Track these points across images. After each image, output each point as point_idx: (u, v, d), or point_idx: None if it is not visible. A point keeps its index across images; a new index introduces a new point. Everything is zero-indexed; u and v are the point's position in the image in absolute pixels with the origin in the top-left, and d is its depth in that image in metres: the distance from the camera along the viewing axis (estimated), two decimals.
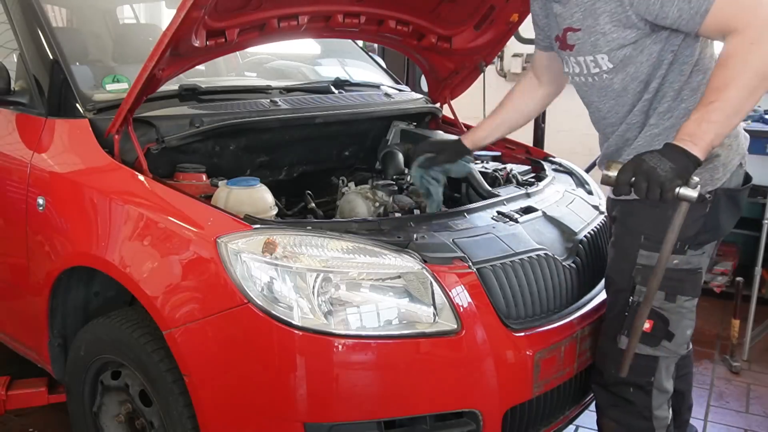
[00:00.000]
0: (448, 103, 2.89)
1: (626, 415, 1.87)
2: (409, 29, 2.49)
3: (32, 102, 2.24)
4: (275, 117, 2.31)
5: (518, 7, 2.43)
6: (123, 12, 3.30)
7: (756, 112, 3.59)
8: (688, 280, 1.77)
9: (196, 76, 2.56)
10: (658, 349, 1.79)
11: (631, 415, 1.86)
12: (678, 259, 1.74)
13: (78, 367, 2.09)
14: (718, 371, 3.16)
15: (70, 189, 2.07)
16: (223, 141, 2.25)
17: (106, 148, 2.01)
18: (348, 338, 1.64)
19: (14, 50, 2.36)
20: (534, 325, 1.84)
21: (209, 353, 1.72)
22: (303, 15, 2.18)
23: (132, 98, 1.88)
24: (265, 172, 2.40)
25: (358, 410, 1.67)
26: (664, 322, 1.77)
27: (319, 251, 1.68)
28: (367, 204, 2.13)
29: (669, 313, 1.77)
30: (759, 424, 2.75)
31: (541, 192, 2.28)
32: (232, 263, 1.66)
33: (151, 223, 1.85)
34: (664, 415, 1.87)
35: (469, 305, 1.72)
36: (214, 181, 2.03)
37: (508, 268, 1.83)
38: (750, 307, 3.23)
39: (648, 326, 1.75)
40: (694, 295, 1.79)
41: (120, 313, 2.00)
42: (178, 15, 1.70)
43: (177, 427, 1.81)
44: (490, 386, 1.73)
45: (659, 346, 1.79)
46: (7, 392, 2.40)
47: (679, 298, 1.77)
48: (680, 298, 1.77)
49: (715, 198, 1.75)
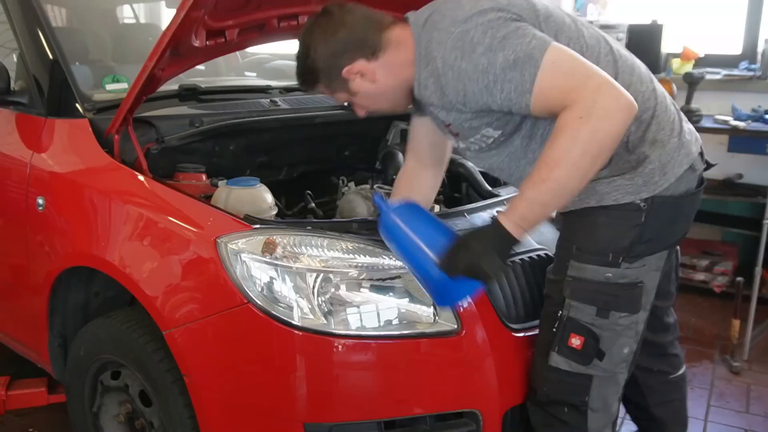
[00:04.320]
0: None
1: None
2: None
3: (32, 102, 2.24)
4: (275, 117, 2.31)
5: None
6: (123, 12, 3.30)
7: (756, 112, 3.59)
8: (623, 295, 1.61)
9: (196, 76, 2.56)
10: (591, 367, 1.64)
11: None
12: (611, 273, 1.60)
13: (78, 367, 2.09)
14: (718, 371, 3.16)
15: (70, 189, 2.07)
16: (223, 141, 2.25)
17: (105, 148, 2.01)
18: (348, 338, 1.64)
19: (14, 50, 2.36)
20: (534, 326, 1.83)
21: (209, 353, 1.72)
22: (303, 15, 2.18)
23: (132, 98, 1.88)
24: (265, 172, 2.39)
25: (358, 410, 1.67)
26: (594, 340, 1.62)
27: (319, 251, 1.68)
28: (367, 204, 2.13)
29: (601, 330, 1.62)
30: (759, 424, 2.75)
31: None
32: (232, 263, 1.66)
33: (151, 223, 1.85)
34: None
35: (469, 305, 1.71)
36: (214, 181, 2.03)
37: (508, 268, 1.83)
38: (750, 307, 3.23)
39: (579, 343, 1.62)
40: (631, 311, 1.63)
41: (120, 313, 2.00)
42: (178, 15, 1.70)
43: (177, 427, 1.81)
44: (490, 386, 1.73)
45: (591, 365, 1.64)
46: (7, 392, 2.40)
47: (613, 314, 1.61)
48: (614, 314, 1.61)
49: (652, 206, 1.59)
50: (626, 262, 1.60)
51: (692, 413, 2.76)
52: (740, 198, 3.76)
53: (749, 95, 3.82)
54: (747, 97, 3.78)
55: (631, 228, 1.59)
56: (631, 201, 1.59)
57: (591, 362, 1.64)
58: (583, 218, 1.63)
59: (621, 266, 1.60)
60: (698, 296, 3.87)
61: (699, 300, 3.86)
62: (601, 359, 1.64)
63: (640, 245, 1.61)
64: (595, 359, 1.63)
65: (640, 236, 1.60)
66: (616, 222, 1.60)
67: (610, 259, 1.60)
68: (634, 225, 1.59)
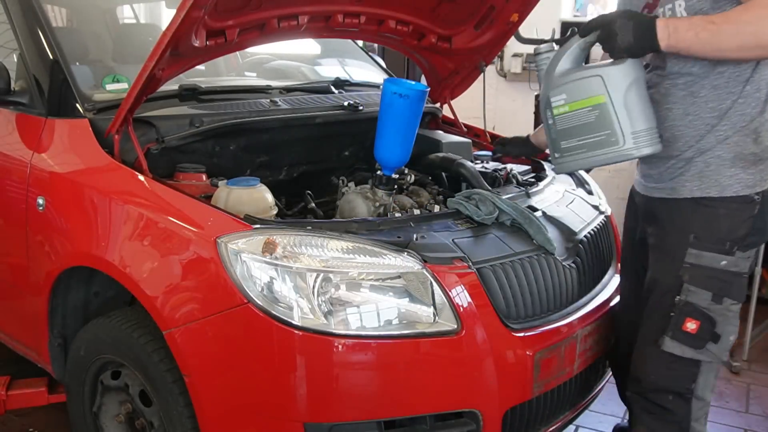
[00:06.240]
0: (448, 103, 2.89)
1: (662, 424, 1.81)
2: (409, 29, 2.48)
3: (32, 102, 2.24)
4: (275, 117, 2.31)
5: (518, 7, 2.43)
6: (123, 12, 3.29)
7: None
8: (734, 282, 1.73)
9: (196, 76, 2.56)
10: (702, 352, 1.74)
11: (667, 425, 1.81)
12: (726, 260, 1.71)
13: (78, 367, 2.09)
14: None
15: (70, 189, 2.07)
16: (223, 141, 2.25)
17: (106, 148, 2.01)
18: (348, 338, 1.64)
19: (14, 50, 2.36)
20: (534, 325, 1.84)
21: (209, 353, 1.72)
22: (303, 15, 2.18)
23: (132, 98, 1.88)
24: (265, 172, 2.40)
25: (358, 410, 1.67)
26: (710, 324, 1.72)
27: (319, 251, 1.68)
28: (367, 204, 2.13)
29: (716, 315, 1.73)
30: (759, 424, 2.75)
31: (541, 192, 2.28)
32: (232, 263, 1.66)
33: (151, 223, 1.85)
34: (701, 429, 1.81)
35: (469, 305, 1.72)
36: (214, 181, 2.03)
37: (508, 268, 1.83)
38: (750, 307, 3.23)
39: (694, 327, 1.72)
40: (739, 300, 1.75)
41: (120, 313, 2.00)
42: (178, 15, 1.70)
43: (177, 427, 1.81)
44: (490, 386, 1.73)
45: (704, 349, 1.74)
46: (7, 392, 2.40)
47: (726, 300, 1.73)
48: (726, 301, 1.73)
49: (764, 199, 1.72)
50: (740, 251, 1.72)
51: None
52: None
53: None
54: None
55: (747, 219, 1.72)
56: (749, 194, 1.71)
57: (704, 346, 1.74)
58: (702, 208, 1.74)
59: (735, 255, 1.72)
60: None
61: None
62: (716, 342, 1.73)
63: (753, 236, 1.73)
64: (710, 343, 1.73)
65: (753, 227, 1.72)
66: (735, 213, 1.72)
67: (727, 247, 1.71)
68: (749, 216, 1.72)
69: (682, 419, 1.79)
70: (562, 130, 1.80)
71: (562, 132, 1.80)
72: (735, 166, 1.70)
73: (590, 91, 1.73)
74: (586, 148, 1.77)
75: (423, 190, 2.33)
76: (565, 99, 1.77)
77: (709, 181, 1.72)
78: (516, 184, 2.37)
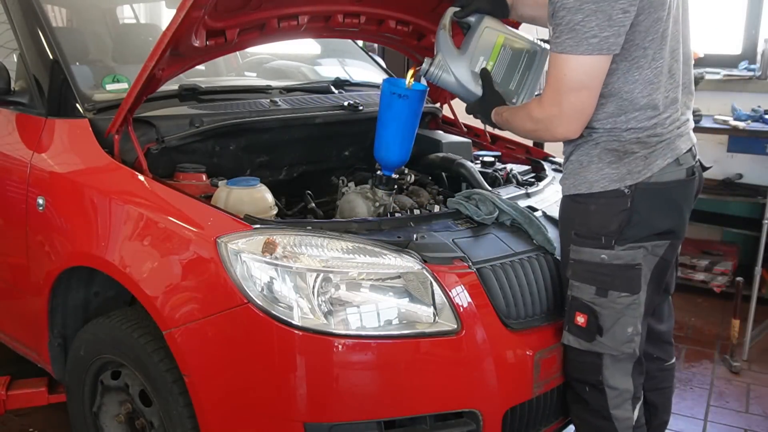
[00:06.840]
0: (448, 103, 2.89)
1: (586, 413, 1.87)
2: (409, 29, 2.49)
3: (32, 102, 2.24)
4: (275, 117, 2.31)
5: None
6: (123, 12, 3.29)
7: (756, 112, 3.59)
8: (618, 276, 1.75)
9: (196, 76, 2.56)
10: (596, 344, 1.77)
11: (590, 414, 1.86)
12: (606, 254, 1.74)
13: (78, 367, 2.09)
14: (718, 371, 3.16)
15: (70, 189, 2.07)
16: (223, 141, 2.25)
17: (106, 148, 2.01)
18: (348, 338, 1.64)
19: (14, 50, 2.36)
20: (534, 325, 1.84)
21: (209, 353, 1.72)
22: (303, 15, 2.18)
23: (132, 98, 1.88)
24: (265, 172, 2.40)
25: (358, 410, 1.67)
26: (594, 317, 1.77)
27: (319, 251, 1.68)
28: (367, 204, 2.13)
29: (601, 308, 1.76)
30: (759, 424, 2.75)
31: (541, 192, 2.28)
32: (232, 263, 1.66)
33: (151, 223, 1.85)
34: (626, 415, 1.82)
35: (469, 305, 1.72)
36: (214, 181, 2.03)
37: (508, 268, 1.83)
38: (750, 307, 3.23)
39: (583, 320, 1.77)
40: (630, 292, 1.76)
41: (120, 313, 2.00)
42: (178, 15, 1.70)
43: (177, 427, 1.81)
44: (490, 386, 1.73)
45: (595, 342, 1.77)
46: (7, 392, 2.40)
47: (612, 293, 1.75)
48: (612, 294, 1.75)
49: (636, 192, 1.72)
50: (618, 244, 1.74)
51: (692, 413, 2.77)
52: (740, 198, 3.77)
53: (749, 95, 3.82)
54: (746, 97, 3.78)
55: (618, 213, 1.73)
56: (617, 188, 1.73)
57: (594, 339, 1.77)
58: (577, 205, 1.80)
59: (614, 248, 1.74)
60: (698, 296, 3.88)
61: (699, 300, 3.87)
62: (601, 335, 1.77)
63: (630, 229, 1.73)
64: (598, 336, 1.77)
65: (628, 220, 1.73)
66: (604, 208, 1.75)
67: (603, 242, 1.74)
68: (621, 210, 1.73)
69: (601, 408, 1.82)
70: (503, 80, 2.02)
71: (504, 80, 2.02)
72: (601, 162, 1.75)
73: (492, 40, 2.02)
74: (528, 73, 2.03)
75: (423, 190, 2.33)
76: (484, 58, 2.01)
77: (580, 178, 1.78)
78: (516, 184, 2.37)
